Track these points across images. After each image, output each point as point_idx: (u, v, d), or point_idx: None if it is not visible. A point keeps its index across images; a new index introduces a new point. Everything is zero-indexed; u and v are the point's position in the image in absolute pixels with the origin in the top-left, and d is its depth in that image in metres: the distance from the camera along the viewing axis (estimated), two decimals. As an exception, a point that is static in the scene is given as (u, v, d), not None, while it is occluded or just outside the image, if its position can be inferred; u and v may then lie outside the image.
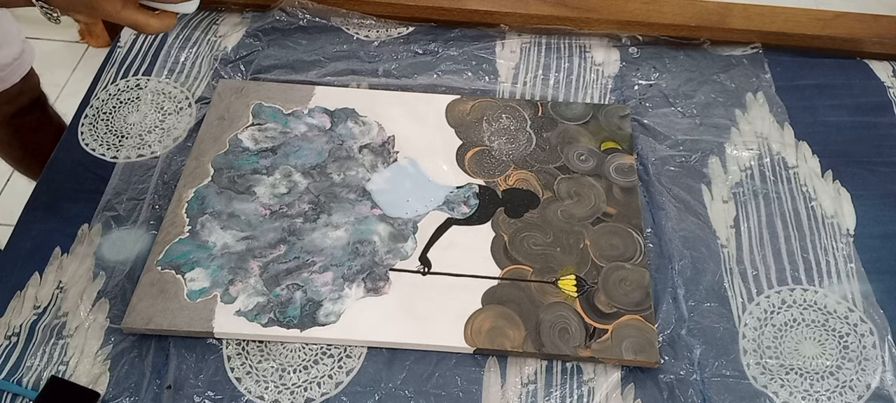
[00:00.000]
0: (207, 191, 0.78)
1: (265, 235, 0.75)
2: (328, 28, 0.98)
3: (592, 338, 0.68)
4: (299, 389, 0.66)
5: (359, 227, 0.76)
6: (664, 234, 0.77)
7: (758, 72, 0.95)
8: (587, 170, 0.82)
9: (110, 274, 0.73)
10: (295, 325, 0.68)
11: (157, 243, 0.74)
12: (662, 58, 0.97)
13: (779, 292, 0.73)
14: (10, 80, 1.00)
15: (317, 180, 0.80)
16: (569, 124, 0.86)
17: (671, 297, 0.72)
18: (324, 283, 0.71)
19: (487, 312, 0.70)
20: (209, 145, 0.83)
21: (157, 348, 0.68)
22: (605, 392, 0.66)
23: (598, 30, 0.98)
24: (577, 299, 0.71)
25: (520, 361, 0.68)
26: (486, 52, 0.97)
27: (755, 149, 0.86)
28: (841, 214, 0.80)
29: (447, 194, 0.79)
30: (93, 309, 0.70)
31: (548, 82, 0.94)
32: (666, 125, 0.88)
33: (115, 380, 0.66)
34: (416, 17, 1.00)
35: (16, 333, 0.69)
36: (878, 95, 0.93)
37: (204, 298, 0.70)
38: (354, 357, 0.68)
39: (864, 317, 0.71)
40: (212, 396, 0.65)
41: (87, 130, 0.86)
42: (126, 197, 0.79)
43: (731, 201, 0.81)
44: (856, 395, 0.66)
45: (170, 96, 0.90)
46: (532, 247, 0.75)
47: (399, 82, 0.92)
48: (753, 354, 0.69)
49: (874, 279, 0.74)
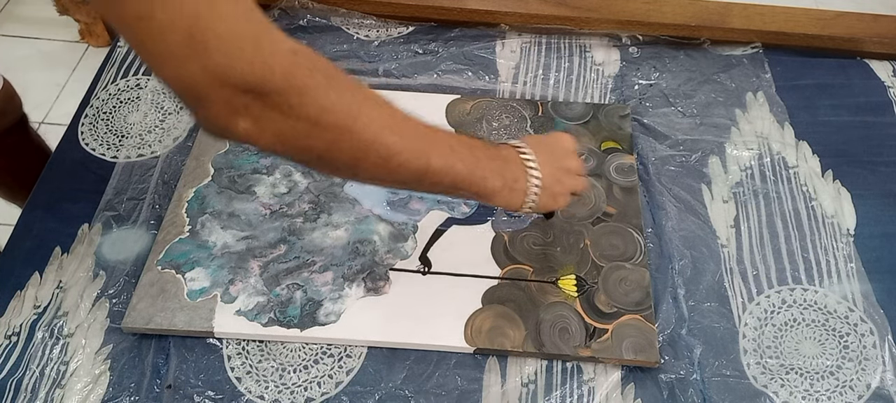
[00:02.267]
0: (207, 191, 0.78)
1: (265, 235, 0.75)
2: (328, 27, 0.98)
3: (592, 338, 0.68)
4: (299, 389, 0.66)
5: (359, 227, 0.76)
6: (664, 234, 0.77)
7: (758, 72, 0.95)
8: (587, 169, 0.82)
9: (110, 274, 0.73)
10: (295, 325, 0.68)
11: (157, 243, 0.74)
12: (662, 57, 0.97)
13: (779, 292, 0.73)
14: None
15: (317, 180, 0.80)
16: (569, 124, 0.86)
17: (671, 297, 0.72)
18: (324, 283, 0.71)
19: (487, 312, 0.70)
20: (209, 145, 0.83)
21: (157, 348, 0.68)
22: (605, 391, 0.66)
23: (598, 29, 0.98)
24: (577, 299, 0.71)
25: (520, 361, 0.68)
26: (486, 52, 0.97)
27: (755, 148, 0.86)
28: (841, 214, 0.80)
29: (447, 194, 0.79)
30: (93, 309, 0.70)
31: (548, 82, 0.94)
32: (666, 125, 0.88)
33: (115, 380, 0.66)
34: (417, 16, 1.00)
35: (16, 333, 0.69)
36: (878, 95, 0.93)
37: (204, 298, 0.70)
38: (354, 356, 0.68)
39: (864, 317, 0.71)
40: (212, 396, 0.65)
41: (87, 130, 0.86)
42: (126, 196, 0.79)
43: (732, 201, 0.81)
44: (856, 395, 0.66)
45: (170, 96, 0.90)
46: (532, 247, 0.75)
47: (399, 82, 0.92)
48: (753, 354, 0.69)
49: (874, 279, 0.74)
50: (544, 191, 0.65)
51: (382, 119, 0.55)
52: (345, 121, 0.52)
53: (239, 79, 0.46)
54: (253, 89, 0.47)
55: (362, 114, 0.53)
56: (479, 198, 0.63)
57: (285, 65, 0.48)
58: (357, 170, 0.56)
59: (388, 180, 0.58)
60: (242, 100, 0.48)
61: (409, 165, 0.56)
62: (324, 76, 0.51)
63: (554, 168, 0.66)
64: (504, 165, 0.63)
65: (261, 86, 0.47)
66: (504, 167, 0.63)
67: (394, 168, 0.56)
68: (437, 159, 0.58)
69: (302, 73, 0.49)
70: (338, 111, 0.52)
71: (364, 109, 0.53)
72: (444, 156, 0.58)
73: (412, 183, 0.59)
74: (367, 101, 0.54)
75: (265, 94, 0.48)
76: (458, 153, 0.59)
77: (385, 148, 0.54)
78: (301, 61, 0.50)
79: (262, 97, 0.48)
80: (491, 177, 0.62)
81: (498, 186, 0.62)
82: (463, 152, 0.60)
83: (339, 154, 0.54)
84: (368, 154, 0.54)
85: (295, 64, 0.49)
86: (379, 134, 0.54)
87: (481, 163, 0.61)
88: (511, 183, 0.63)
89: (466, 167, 0.60)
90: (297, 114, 0.50)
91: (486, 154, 0.62)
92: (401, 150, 0.55)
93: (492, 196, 0.63)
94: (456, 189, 0.61)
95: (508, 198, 0.64)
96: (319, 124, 0.51)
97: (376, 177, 0.58)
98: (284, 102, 0.49)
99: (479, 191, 0.62)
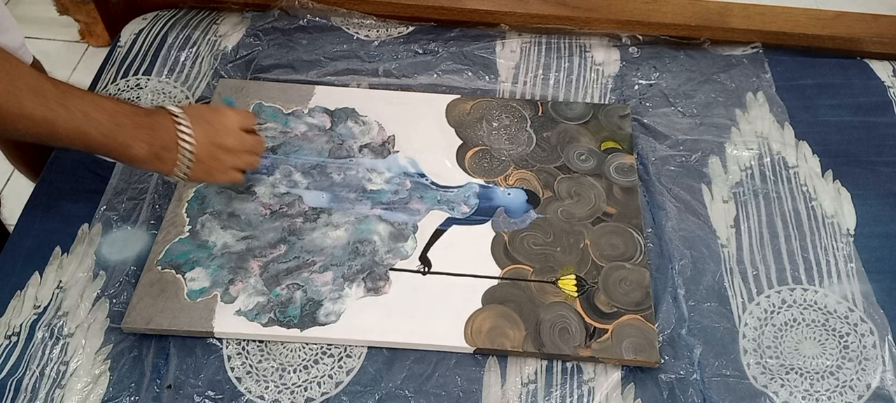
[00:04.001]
0: (207, 191, 0.78)
1: (265, 235, 0.75)
2: (328, 28, 0.98)
3: (592, 338, 0.68)
4: (299, 389, 0.66)
5: (359, 227, 0.76)
6: (664, 234, 0.77)
7: (758, 72, 0.95)
8: (587, 169, 0.82)
9: (110, 274, 0.73)
10: (295, 325, 0.68)
11: (157, 243, 0.74)
12: (662, 57, 0.97)
13: (779, 292, 0.73)
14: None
15: (317, 180, 0.80)
16: (569, 124, 0.86)
17: (671, 297, 0.72)
18: (324, 283, 0.71)
19: (487, 312, 0.70)
20: (209, 145, 0.82)
21: (157, 348, 0.68)
22: (605, 391, 0.66)
23: (598, 29, 0.98)
24: (577, 299, 0.71)
25: (520, 361, 0.68)
26: (486, 52, 0.97)
27: (755, 148, 0.86)
28: (841, 214, 0.80)
29: (447, 194, 0.79)
30: (93, 309, 0.70)
31: (548, 82, 0.94)
32: (666, 125, 0.88)
33: (115, 380, 0.66)
34: (417, 16, 1.00)
35: (16, 333, 0.69)
36: (878, 95, 0.93)
37: (204, 298, 0.70)
38: (354, 356, 0.68)
39: (864, 317, 0.71)
40: (212, 396, 0.65)
41: (87, 130, 0.86)
42: (126, 196, 0.79)
43: (732, 201, 0.81)
44: (856, 395, 0.66)
45: (170, 96, 0.90)
46: (532, 247, 0.75)
47: (399, 82, 0.92)
48: (753, 354, 0.69)
49: (874, 279, 0.74)
50: (198, 164, 0.69)
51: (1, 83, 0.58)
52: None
53: None
54: None
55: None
56: (124, 162, 0.68)
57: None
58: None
59: (15, 136, 0.61)
60: None
61: (33, 130, 0.60)
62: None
63: (210, 143, 0.69)
64: (151, 133, 0.66)
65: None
66: (151, 134, 0.66)
67: (20, 131, 0.60)
68: (64, 125, 0.61)
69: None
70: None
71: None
72: (76, 121, 0.61)
73: (45, 141, 0.62)
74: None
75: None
76: (92, 119, 0.62)
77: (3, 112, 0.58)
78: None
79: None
80: (134, 144, 0.65)
81: (143, 153, 0.65)
82: (100, 118, 0.62)
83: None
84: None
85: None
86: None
87: (123, 131, 0.64)
88: (158, 150, 0.66)
89: (102, 133, 0.63)
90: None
91: (133, 121, 0.65)
92: (19, 116, 0.58)
93: (138, 162, 0.66)
94: (91, 150, 0.64)
95: (156, 165, 0.67)
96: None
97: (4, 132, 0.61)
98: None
99: (120, 156, 0.66)
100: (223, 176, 0.72)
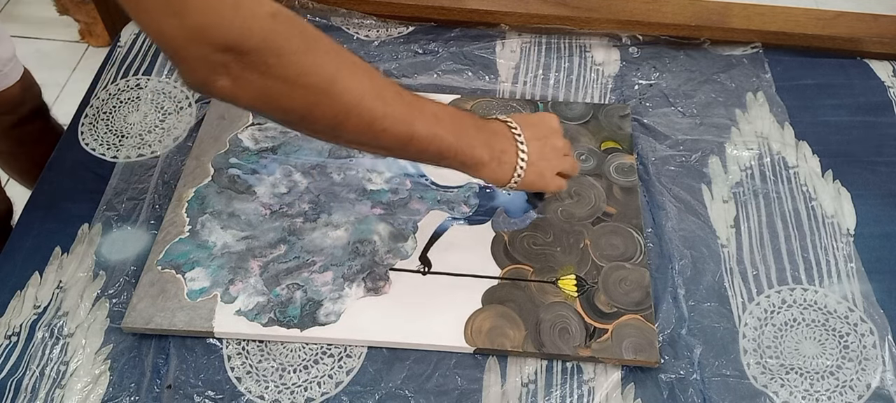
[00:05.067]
0: (207, 191, 0.78)
1: (265, 235, 0.75)
2: (328, 28, 0.98)
3: (592, 338, 0.68)
4: (299, 389, 0.66)
5: (359, 227, 0.76)
6: (664, 234, 0.77)
7: (758, 72, 0.95)
8: (587, 169, 0.82)
9: (110, 274, 0.73)
10: (295, 325, 0.68)
11: (157, 243, 0.74)
12: (662, 57, 0.97)
13: (779, 292, 0.73)
14: (11, 77, 1.00)
15: (317, 179, 0.80)
16: (569, 124, 0.86)
17: (671, 297, 0.72)
18: (324, 283, 0.71)
19: (487, 312, 0.70)
20: (209, 145, 0.83)
21: (157, 348, 0.68)
22: (605, 391, 0.66)
23: (598, 29, 0.98)
24: (577, 299, 0.71)
25: (520, 361, 0.68)
26: (486, 52, 0.97)
27: (755, 148, 0.86)
28: (841, 214, 0.80)
29: (447, 194, 0.79)
30: (93, 309, 0.70)
31: (548, 82, 0.94)
32: (666, 125, 0.88)
33: (115, 380, 0.66)
34: (417, 16, 1.00)
35: (16, 333, 0.69)
36: (878, 95, 0.93)
37: (204, 298, 0.70)
38: (354, 356, 0.68)
39: (864, 317, 0.71)
40: (212, 396, 0.65)
41: (87, 130, 0.86)
42: (126, 196, 0.79)
43: (732, 201, 0.81)
44: (856, 395, 0.66)
45: (170, 96, 0.90)
46: (532, 247, 0.75)
47: (399, 82, 0.92)
48: (754, 354, 0.69)
49: (874, 279, 0.74)
50: (531, 167, 0.66)
51: (363, 85, 0.56)
52: (322, 84, 0.53)
53: (216, 38, 0.48)
54: (231, 49, 0.49)
55: (341, 79, 0.54)
56: (466, 170, 0.64)
57: (264, 27, 0.50)
58: (339, 133, 0.57)
59: (372, 145, 0.59)
60: (221, 58, 0.49)
61: (393, 131, 0.57)
62: (302, 40, 0.53)
63: (540, 144, 0.67)
64: (492, 137, 0.64)
65: (238, 46, 0.49)
66: (492, 139, 0.64)
67: (377, 132, 0.57)
68: (421, 126, 0.59)
69: (280, 36, 0.51)
70: (315, 74, 0.53)
71: (343, 74, 0.55)
72: (429, 125, 0.59)
73: (397, 149, 0.60)
74: (346, 67, 0.55)
75: (243, 54, 0.49)
76: (443, 122, 0.60)
77: (367, 112, 0.56)
78: (280, 24, 0.51)
79: (240, 56, 0.49)
80: (479, 148, 0.63)
81: (485, 157, 0.63)
82: (448, 122, 0.61)
83: (319, 116, 0.55)
84: (349, 117, 0.55)
85: (273, 28, 0.50)
86: (360, 99, 0.55)
87: (468, 133, 0.62)
88: (498, 155, 0.64)
89: (452, 135, 0.61)
90: (274, 75, 0.51)
91: (474, 124, 0.63)
92: (383, 116, 0.56)
93: (479, 167, 0.63)
94: (442, 157, 0.62)
95: (496, 171, 0.64)
96: (297, 85, 0.52)
97: (360, 142, 0.59)
98: (262, 62, 0.50)
99: (465, 160, 0.63)
100: (553, 182, 0.70)
